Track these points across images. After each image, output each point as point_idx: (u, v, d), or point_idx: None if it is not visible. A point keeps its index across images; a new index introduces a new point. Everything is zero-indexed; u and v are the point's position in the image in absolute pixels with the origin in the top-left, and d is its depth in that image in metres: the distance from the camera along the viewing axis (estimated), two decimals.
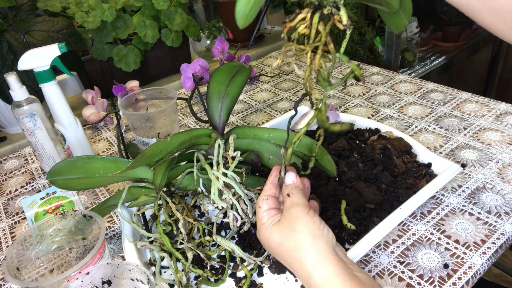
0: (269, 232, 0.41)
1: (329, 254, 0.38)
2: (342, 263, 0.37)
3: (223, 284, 0.50)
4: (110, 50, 0.96)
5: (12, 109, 0.69)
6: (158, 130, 0.73)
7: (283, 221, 0.41)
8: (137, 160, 0.48)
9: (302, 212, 0.40)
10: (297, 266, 0.38)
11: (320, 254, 0.37)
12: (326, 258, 0.37)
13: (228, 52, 1.04)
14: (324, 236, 0.39)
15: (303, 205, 0.41)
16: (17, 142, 0.92)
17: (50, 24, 0.86)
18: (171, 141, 0.50)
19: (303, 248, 0.38)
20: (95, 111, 0.92)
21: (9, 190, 0.77)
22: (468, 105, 0.81)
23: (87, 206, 0.69)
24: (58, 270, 0.51)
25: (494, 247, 0.50)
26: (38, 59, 0.66)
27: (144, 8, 0.98)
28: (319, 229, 0.39)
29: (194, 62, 0.95)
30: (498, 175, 0.62)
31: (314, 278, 0.37)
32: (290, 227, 0.40)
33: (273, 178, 0.45)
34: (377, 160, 0.61)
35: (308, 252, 0.38)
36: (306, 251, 0.38)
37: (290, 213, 0.40)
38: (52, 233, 0.51)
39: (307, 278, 0.38)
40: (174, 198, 0.55)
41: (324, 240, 0.38)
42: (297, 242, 0.39)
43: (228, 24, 1.25)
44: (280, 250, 0.40)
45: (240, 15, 0.37)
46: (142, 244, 0.53)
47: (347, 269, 0.37)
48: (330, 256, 0.37)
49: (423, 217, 0.56)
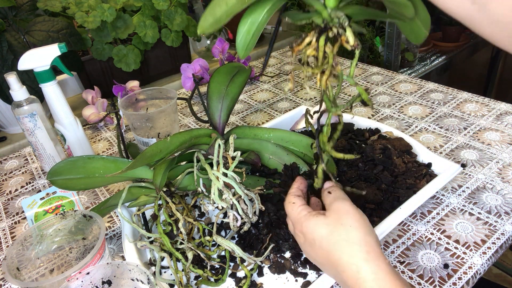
0: (314, 223, 0.40)
1: (379, 252, 0.37)
2: (390, 264, 0.37)
3: (223, 284, 0.50)
4: (110, 50, 0.96)
5: (12, 109, 0.69)
6: (158, 130, 0.73)
7: (329, 215, 0.40)
8: (137, 160, 0.48)
9: (351, 207, 0.40)
10: (345, 260, 0.37)
11: (372, 250, 0.37)
12: (378, 256, 0.37)
13: (228, 52, 1.04)
14: (373, 233, 0.39)
15: (349, 200, 0.40)
16: (17, 142, 0.92)
17: (50, 24, 0.86)
18: (171, 141, 0.50)
19: (355, 242, 0.37)
20: (95, 111, 0.92)
21: (9, 190, 0.77)
22: (468, 105, 0.81)
23: (87, 206, 0.69)
24: (58, 270, 0.51)
25: (494, 247, 0.50)
26: (38, 59, 0.66)
27: (144, 8, 0.98)
28: (368, 225, 0.39)
29: (194, 62, 0.95)
30: (498, 175, 0.62)
31: (364, 274, 0.36)
32: (339, 220, 0.39)
33: (298, 184, 0.46)
34: (377, 160, 0.61)
35: (360, 246, 0.37)
36: (358, 245, 0.37)
37: (337, 206, 0.40)
38: (52, 233, 0.51)
39: (355, 273, 0.36)
40: (174, 198, 0.55)
41: (373, 237, 0.38)
42: (347, 235, 0.38)
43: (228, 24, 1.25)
44: (326, 243, 0.39)
45: (240, 46, 0.37)
46: (142, 244, 0.53)
47: (394, 270, 0.37)
48: (381, 255, 0.37)
49: (423, 217, 0.56)
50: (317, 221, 0.40)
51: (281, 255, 0.52)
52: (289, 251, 0.52)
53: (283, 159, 0.60)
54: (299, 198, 0.44)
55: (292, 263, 0.50)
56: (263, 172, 0.63)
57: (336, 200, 0.41)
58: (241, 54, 0.37)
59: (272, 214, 0.54)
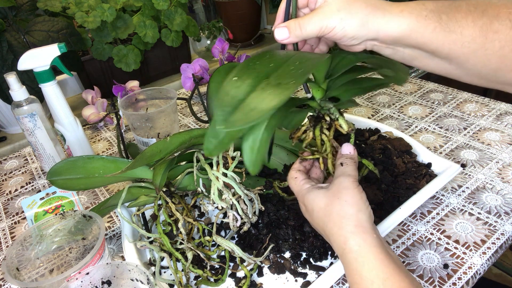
0: (314, 195, 0.43)
1: (369, 228, 0.39)
2: (379, 239, 0.39)
3: (223, 284, 0.50)
4: (110, 50, 0.96)
5: (12, 109, 0.69)
6: (158, 130, 0.73)
7: (331, 188, 0.42)
8: (137, 160, 0.48)
9: (352, 184, 0.42)
10: (335, 231, 0.40)
11: (360, 225, 0.39)
12: (366, 230, 0.39)
13: (228, 52, 1.04)
14: (367, 211, 0.41)
15: (354, 177, 0.43)
16: (17, 142, 0.92)
17: (50, 24, 0.86)
18: (171, 141, 0.50)
19: (345, 216, 0.40)
20: (95, 111, 0.92)
21: (9, 190, 0.77)
22: (468, 105, 0.81)
23: (87, 206, 0.69)
24: (58, 270, 0.51)
25: (494, 247, 0.50)
26: (38, 59, 0.66)
27: (144, 8, 0.98)
28: (364, 204, 0.41)
29: (194, 62, 0.95)
30: (498, 175, 0.62)
31: (350, 244, 0.38)
32: (337, 194, 0.41)
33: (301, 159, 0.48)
34: (377, 160, 0.61)
35: (350, 220, 0.40)
36: (348, 219, 0.40)
37: (339, 181, 0.42)
38: (52, 233, 0.51)
39: (342, 243, 0.39)
40: (174, 198, 0.55)
41: (366, 215, 0.40)
42: (341, 209, 0.40)
43: (228, 24, 1.25)
44: (322, 214, 0.42)
45: (248, 164, 0.38)
46: (142, 244, 0.53)
47: (383, 245, 0.39)
48: (369, 230, 0.39)
49: (423, 217, 0.56)
50: (318, 193, 0.43)
51: (281, 255, 0.52)
52: (289, 251, 0.52)
53: (283, 159, 0.60)
54: (301, 173, 0.47)
55: (292, 263, 0.50)
56: (263, 172, 0.63)
57: (342, 175, 0.43)
58: (251, 170, 0.38)
59: (272, 214, 0.54)
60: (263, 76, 0.34)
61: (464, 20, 0.37)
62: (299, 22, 0.41)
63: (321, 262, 0.50)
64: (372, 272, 0.37)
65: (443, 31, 0.37)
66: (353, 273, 0.38)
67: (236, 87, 0.33)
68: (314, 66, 0.36)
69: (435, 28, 0.37)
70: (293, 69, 0.35)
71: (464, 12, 0.37)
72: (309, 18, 0.40)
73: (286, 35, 0.41)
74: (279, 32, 0.41)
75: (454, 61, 0.39)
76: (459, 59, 0.39)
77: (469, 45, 0.37)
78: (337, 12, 0.39)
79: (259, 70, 0.35)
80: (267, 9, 1.41)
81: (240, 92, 0.33)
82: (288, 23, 0.41)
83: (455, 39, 0.37)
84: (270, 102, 0.31)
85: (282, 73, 0.35)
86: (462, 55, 0.38)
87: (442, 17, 0.37)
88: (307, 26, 0.40)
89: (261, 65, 0.37)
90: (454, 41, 0.37)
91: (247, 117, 0.30)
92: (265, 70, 0.36)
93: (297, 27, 0.41)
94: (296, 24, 0.41)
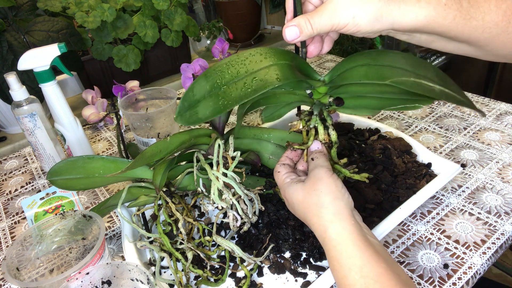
0: (293, 189, 0.44)
1: (347, 214, 0.40)
2: (357, 225, 0.39)
3: (223, 284, 0.50)
4: (110, 50, 0.96)
5: (12, 109, 0.69)
6: (158, 130, 0.73)
7: (307, 181, 0.43)
8: (137, 160, 0.48)
9: (325, 174, 0.42)
10: (315, 221, 0.41)
11: (338, 213, 0.40)
12: (343, 217, 0.39)
13: (228, 52, 1.04)
14: (344, 198, 0.41)
15: (327, 168, 0.43)
16: (17, 142, 0.92)
17: (50, 24, 0.86)
18: (171, 141, 0.50)
19: (323, 205, 0.40)
20: (95, 111, 0.92)
21: (9, 190, 0.77)
22: None
23: (87, 206, 0.69)
24: (58, 270, 0.51)
25: (494, 247, 0.50)
26: (38, 59, 0.66)
27: (144, 8, 0.98)
28: (340, 191, 0.41)
29: (194, 62, 0.95)
30: (498, 175, 0.62)
31: (329, 233, 0.39)
32: (313, 186, 0.42)
33: (288, 152, 0.49)
34: (377, 160, 0.61)
35: (327, 209, 0.40)
36: (326, 208, 0.40)
37: (314, 174, 0.43)
38: (52, 233, 0.51)
39: (322, 232, 0.40)
40: (174, 198, 0.55)
41: (343, 202, 0.41)
42: (318, 199, 0.41)
43: (228, 24, 1.25)
44: (302, 206, 0.42)
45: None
46: (142, 244, 0.53)
47: (361, 231, 0.39)
48: (347, 217, 0.39)
49: (423, 217, 0.56)
50: (296, 187, 0.44)
51: (281, 255, 0.52)
52: (289, 251, 0.52)
53: None
54: (284, 167, 0.47)
55: (292, 263, 0.50)
56: (263, 172, 0.63)
57: (315, 168, 0.43)
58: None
59: (272, 214, 0.54)
60: (219, 85, 0.37)
61: (486, 4, 0.35)
62: (309, 20, 0.39)
63: (321, 262, 0.50)
64: (349, 259, 0.37)
65: (463, 19, 0.36)
66: (333, 260, 0.38)
67: (200, 87, 0.37)
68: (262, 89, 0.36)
69: (455, 17, 0.36)
70: (243, 86, 0.36)
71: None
72: (320, 15, 0.38)
73: (296, 35, 0.40)
74: (289, 31, 0.40)
75: (474, 45, 0.38)
76: (479, 43, 0.37)
77: (490, 30, 0.36)
78: (349, 8, 0.37)
79: (220, 76, 0.37)
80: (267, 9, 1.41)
81: (199, 93, 0.36)
82: (298, 22, 0.39)
83: (476, 26, 0.36)
84: (205, 111, 0.35)
85: (232, 87, 0.36)
86: (483, 40, 0.37)
87: (462, 3, 0.36)
88: (318, 24, 0.39)
89: (226, 71, 0.38)
90: (475, 28, 0.36)
91: (190, 119, 0.36)
92: (224, 78, 0.37)
93: (308, 25, 0.39)
94: (307, 22, 0.39)
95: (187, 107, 0.36)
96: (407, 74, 0.37)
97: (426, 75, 0.37)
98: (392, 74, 0.37)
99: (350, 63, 0.42)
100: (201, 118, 0.35)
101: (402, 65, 0.38)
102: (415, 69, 0.37)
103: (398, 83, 0.36)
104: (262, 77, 0.37)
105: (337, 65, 0.43)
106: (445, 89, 0.35)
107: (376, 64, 0.39)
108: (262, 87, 0.36)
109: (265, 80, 0.36)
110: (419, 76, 0.36)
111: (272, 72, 0.38)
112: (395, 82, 0.36)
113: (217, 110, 0.35)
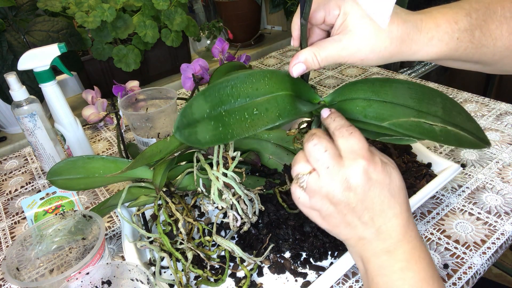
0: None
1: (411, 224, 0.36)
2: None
3: (223, 284, 0.50)
4: (110, 50, 0.96)
5: (12, 109, 0.69)
6: (158, 130, 0.73)
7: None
8: (137, 160, 0.48)
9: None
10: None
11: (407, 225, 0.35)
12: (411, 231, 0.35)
13: (228, 52, 1.04)
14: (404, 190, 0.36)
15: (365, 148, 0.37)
16: (17, 142, 0.92)
17: (50, 24, 0.86)
18: (171, 141, 0.50)
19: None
20: (95, 111, 0.92)
21: (9, 190, 0.77)
22: (468, 105, 0.81)
23: (87, 206, 0.69)
24: (58, 270, 0.51)
25: (494, 247, 0.50)
26: (38, 59, 0.66)
27: (144, 8, 0.98)
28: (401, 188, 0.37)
29: (194, 62, 0.95)
30: (498, 175, 0.62)
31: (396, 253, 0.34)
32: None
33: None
34: None
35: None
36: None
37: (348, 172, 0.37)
38: (52, 233, 0.51)
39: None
40: (174, 198, 0.55)
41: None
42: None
43: (228, 24, 1.25)
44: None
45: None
46: (142, 244, 0.53)
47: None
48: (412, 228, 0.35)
49: (423, 217, 0.56)
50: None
51: (281, 255, 0.52)
52: (289, 251, 0.52)
53: (283, 159, 0.60)
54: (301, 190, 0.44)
55: (292, 263, 0.50)
56: (263, 172, 0.63)
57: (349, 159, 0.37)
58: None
59: (272, 214, 0.54)
60: (220, 110, 0.36)
61: (498, 30, 0.36)
62: (316, 56, 0.38)
63: (321, 262, 0.50)
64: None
65: (475, 48, 0.36)
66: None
67: (199, 105, 0.35)
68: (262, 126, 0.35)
69: (467, 47, 0.36)
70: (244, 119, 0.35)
71: (499, 20, 0.36)
72: (328, 52, 0.37)
73: (303, 70, 0.38)
74: (296, 69, 0.38)
75: (481, 64, 0.38)
76: (487, 63, 0.38)
77: (501, 53, 0.36)
78: (360, 50, 0.36)
79: (222, 99, 0.36)
80: (267, 9, 1.41)
81: (198, 112, 0.35)
82: (305, 58, 0.38)
83: (486, 52, 0.36)
84: (205, 135, 0.35)
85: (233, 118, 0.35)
86: (492, 61, 0.37)
87: (475, 34, 0.36)
88: (325, 61, 0.38)
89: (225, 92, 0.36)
90: (485, 53, 0.36)
91: (189, 138, 0.34)
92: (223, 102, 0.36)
93: (315, 61, 0.38)
94: (314, 59, 0.38)
95: (186, 125, 0.35)
96: (408, 113, 0.36)
97: (429, 110, 0.36)
98: (392, 114, 0.36)
99: (351, 92, 0.40)
100: (201, 141, 0.34)
101: (406, 100, 0.37)
102: (419, 104, 0.36)
103: (396, 125, 0.36)
104: (263, 109, 0.36)
105: (338, 89, 0.41)
106: (447, 127, 0.34)
107: (377, 100, 0.38)
108: (262, 125, 0.35)
109: (266, 116, 0.35)
110: (421, 114, 0.36)
111: (273, 107, 0.36)
112: (393, 125, 0.36)
113: (217, 138, 0.34)
